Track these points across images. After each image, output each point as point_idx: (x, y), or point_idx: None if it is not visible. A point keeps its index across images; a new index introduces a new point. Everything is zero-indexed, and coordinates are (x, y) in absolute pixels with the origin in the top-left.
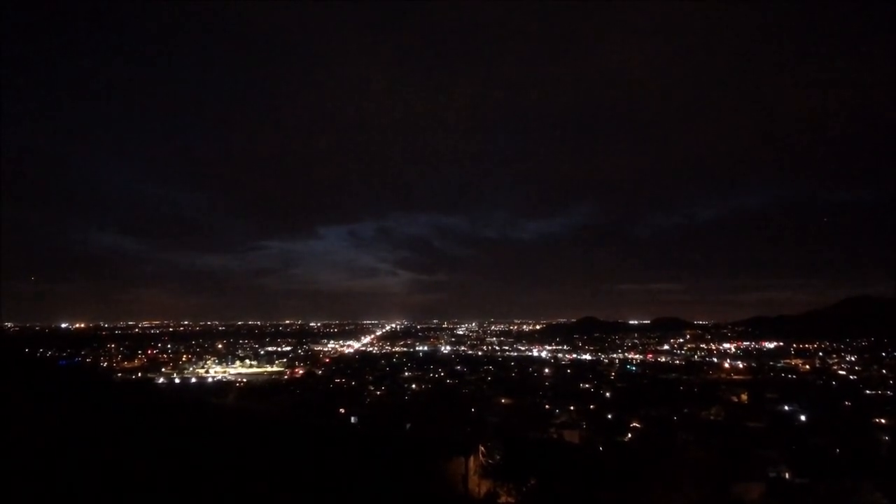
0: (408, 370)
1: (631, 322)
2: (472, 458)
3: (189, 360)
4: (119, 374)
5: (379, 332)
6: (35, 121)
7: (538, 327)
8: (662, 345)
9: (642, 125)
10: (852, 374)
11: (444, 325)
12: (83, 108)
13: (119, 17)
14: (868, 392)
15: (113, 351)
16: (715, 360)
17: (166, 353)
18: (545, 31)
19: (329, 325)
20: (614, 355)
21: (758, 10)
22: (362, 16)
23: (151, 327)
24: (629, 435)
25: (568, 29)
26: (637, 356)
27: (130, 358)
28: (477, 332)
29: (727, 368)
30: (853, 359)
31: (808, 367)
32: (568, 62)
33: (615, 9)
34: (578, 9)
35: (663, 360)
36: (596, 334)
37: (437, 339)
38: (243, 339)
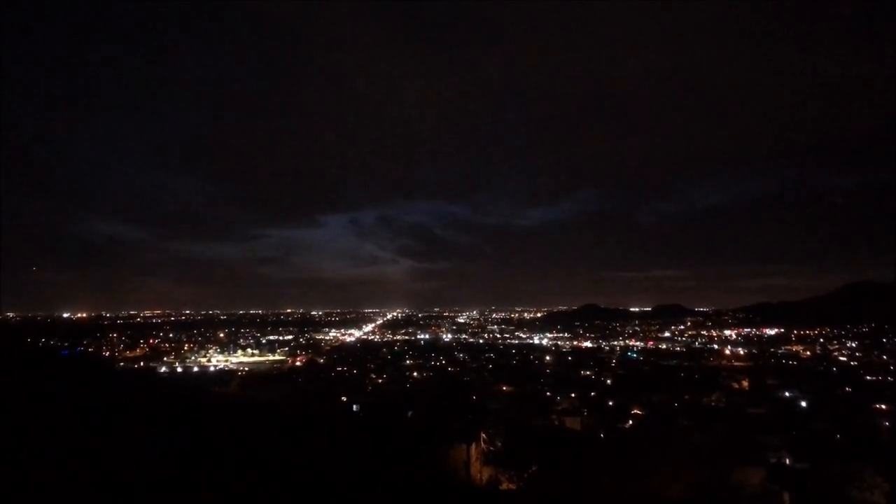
0: (409, 358)
1: (632, 309)
2: (473, 446)
3: (191, 349)
4: (121, 364)
5: (380, 321)
6: (37, 110)
7: (539, 315)
8: (663, 332)
9: (644, 113)
10: (853, 360)
11: (446, 313)
12: (85, 98)
13: (120, 6)
14: (868, 378)
15: (115, 340)
16: (716, 346)
17: (168, 342)
18: (548, 23)
19: (330, 314)
20: (615, 342)
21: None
22: (364, 4)
23: (153, 316)
24: (630, 421)
25: (570, 20)
26: (638, 343)
27: (132, 347)
28: (478, 319)
29: (728, 355)
30: (854, 345)
31: (808, 353)
32: (570, 52)
33: (618, 2)
34: (580, 1)
35: (664, 347)
36: (597, 322)
37: (439, 327)
38: (245, 328)
